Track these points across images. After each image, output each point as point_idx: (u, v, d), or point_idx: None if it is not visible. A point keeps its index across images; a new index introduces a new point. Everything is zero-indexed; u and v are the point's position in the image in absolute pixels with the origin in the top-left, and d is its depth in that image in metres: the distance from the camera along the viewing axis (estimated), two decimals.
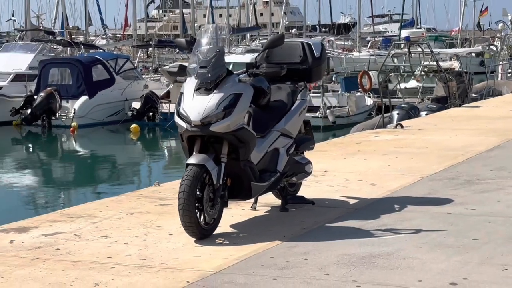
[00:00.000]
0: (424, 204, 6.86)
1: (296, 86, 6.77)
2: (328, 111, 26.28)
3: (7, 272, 5.04)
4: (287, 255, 5.30)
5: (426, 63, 24.68)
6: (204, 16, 71.65)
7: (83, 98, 29.44)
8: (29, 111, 29.03)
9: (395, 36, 59.56)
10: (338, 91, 28.78)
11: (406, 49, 21.28)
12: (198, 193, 5.66)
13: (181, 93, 5.93)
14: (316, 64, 6.83)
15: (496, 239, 5.63)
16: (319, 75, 7.00)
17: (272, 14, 75.91)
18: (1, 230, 6.19)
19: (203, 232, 5.72)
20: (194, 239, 5.70)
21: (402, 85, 28.22)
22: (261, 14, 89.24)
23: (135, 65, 36.22)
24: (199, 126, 5.73)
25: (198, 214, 5.68)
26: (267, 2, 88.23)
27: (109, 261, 5.24)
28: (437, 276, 4.80)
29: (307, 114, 22.99)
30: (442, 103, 21.25)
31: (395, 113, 18.73)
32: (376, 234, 5.83)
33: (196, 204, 5.65)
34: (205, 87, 5.79)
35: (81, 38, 47.26)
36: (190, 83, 5.87)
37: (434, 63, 23.36)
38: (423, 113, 19.23)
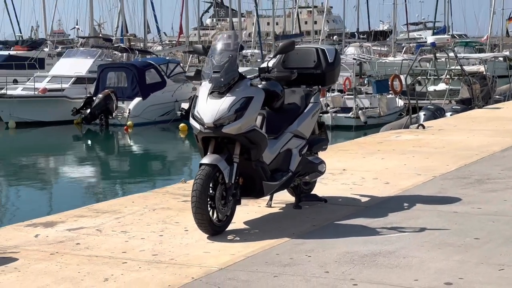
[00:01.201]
0: (432, 203, 6.54)
1: (310, 89, 6.52)
2: (360, 111, 25.91)
3: (25, 266, 4.86)
4: (292, 252, 5.04)
5: (452, 67, 24.17)
6: (253, 24, 71.50)
7: (137, 99, 29.53)
8: (88, 111, 29.24)
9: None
10: (371, 93, 28.33)
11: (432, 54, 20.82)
12: (211, 191, 5.45)
13: (196, 97, 5.73)
14: (330, 69, 6.57)
15: (497, 238, 5.30)
16: (333, 79, 6.72)
17: (316, 22, 75.51)
18: (29, 224, 6.03)
19: (215, 229, 5.49)
20: (207, 235, 5.48)
21: (432, 87, 27.75)
22: (306, 22, 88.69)
23: (185, 69, 36.12)
24: (212, 128, 5.51)
25: (211, 212, 5.46)
26: (311, 11, 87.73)
27: (123, 256, 5.04)
28: (434, 275, 4.50)
29: (339, 115, 22.73)
30: (467, 105, 20.79)
31: (421, 113, 18.39)
32: (381, 232, 5.54)
33: (209, 202, 5.44)
34: (218, 91, 5.57)
35: (140, 44, 47.41)
36: (205, 87, 5.66)
37: (460, 67, 22.86)
38: (448, 114, 18.82)
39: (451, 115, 18.11)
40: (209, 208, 5.44)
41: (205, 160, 5.49)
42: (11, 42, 39.65)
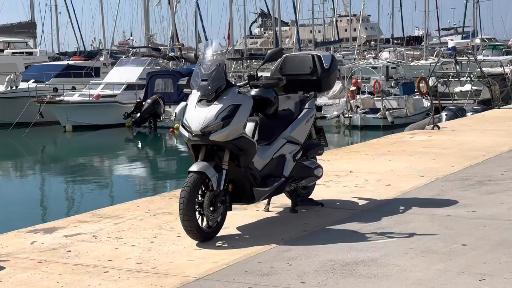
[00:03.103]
0: (428, 206, 6.00)
1: (307, 95, 6.05)
2: (387, 112, 25.24)
3: (8, 275, 4.47)
4: (274, 260, 4.57)
5: (475, 70, 23.39)
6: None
7: (183, 104, 29.19)
8: (138, 115, 29.24)
9: None
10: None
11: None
12: (199, 198, 5.02)
13: (186, 104, 5.31)
14: (326, 75, 6.10)
15: (484, 245, 4.76)
16: (328, 85, 6.23)
17: (354, 30, 74.74)
18: (31, 230, 5.66)
19: (204, 235, 5.06)
20: (196, 242, 5.05)
21: (458, 88, 26.94)
22: (345, 30, 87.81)
23: (229, 75, 35.80)
24: (200, 136, 5.08)
25: (200, 219, 5.04)
26: (349, 19, 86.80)
27: (107, 265, 4.63)
28: (411, 286, 3.99)
29: (368, 116, 22.03)
30: (487, 105, 20.03)
31: (444, 114, 17.77)
32: (369, 238, 5.03)
33: (198, 209, 5.01)
34: (206, 99, 5.14)
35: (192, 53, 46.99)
36: (194, 95, 5.24)
37: (486, 69, 22.06)
38: (469, 114, 18.14)
39: (471, 114, 17.42)
40: (197, 215, 5.01)
41: (193, 167, 5.06)
42: (70, 53, 39.80)
